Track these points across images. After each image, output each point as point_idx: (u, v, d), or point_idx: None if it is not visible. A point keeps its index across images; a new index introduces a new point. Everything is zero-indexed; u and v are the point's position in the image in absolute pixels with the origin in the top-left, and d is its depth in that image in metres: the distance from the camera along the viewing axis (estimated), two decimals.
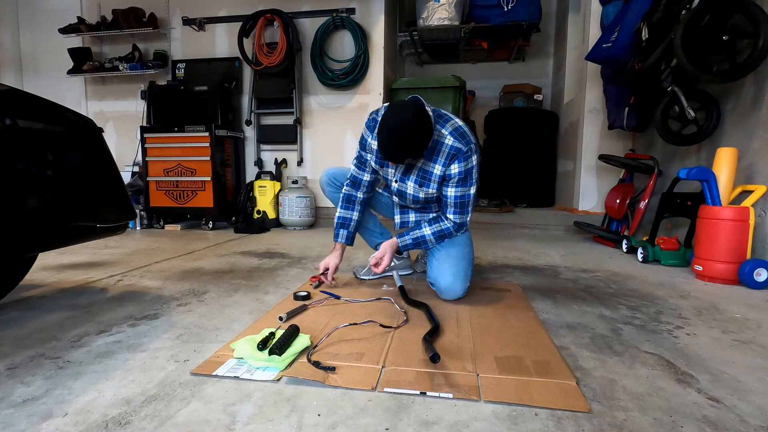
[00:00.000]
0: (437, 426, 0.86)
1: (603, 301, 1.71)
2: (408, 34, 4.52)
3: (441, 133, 1.59)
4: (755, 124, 2.20)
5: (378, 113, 1.73)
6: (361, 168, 1.84)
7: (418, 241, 1.72)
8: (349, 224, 1.85)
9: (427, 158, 1.63)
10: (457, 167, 1.59)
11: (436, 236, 1.70)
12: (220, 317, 1.50)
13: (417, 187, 1.70)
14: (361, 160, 1.84)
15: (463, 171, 1.59)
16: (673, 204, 2.49)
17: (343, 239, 1.85)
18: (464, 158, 1.58)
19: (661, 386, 1.02)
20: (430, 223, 1.71)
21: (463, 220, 1.69)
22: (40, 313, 1.55)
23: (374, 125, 1.72)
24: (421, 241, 1.72)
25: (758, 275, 1.90)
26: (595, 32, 3.46)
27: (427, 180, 1.67)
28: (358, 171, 1.85)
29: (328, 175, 1.99)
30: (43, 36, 4.63)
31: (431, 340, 1.22)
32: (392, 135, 1.47)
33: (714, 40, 2.16)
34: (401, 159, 1.57)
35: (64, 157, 1.53)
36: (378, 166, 1.80)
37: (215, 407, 0.92)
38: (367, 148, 1.80)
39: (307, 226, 3.92)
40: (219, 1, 4.26)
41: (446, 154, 1.59)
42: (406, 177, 1.71)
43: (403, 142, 1.47)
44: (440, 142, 1.59)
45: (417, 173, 1.68)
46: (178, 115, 3.88)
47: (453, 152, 1.58)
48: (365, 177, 1.84)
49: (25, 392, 0.98)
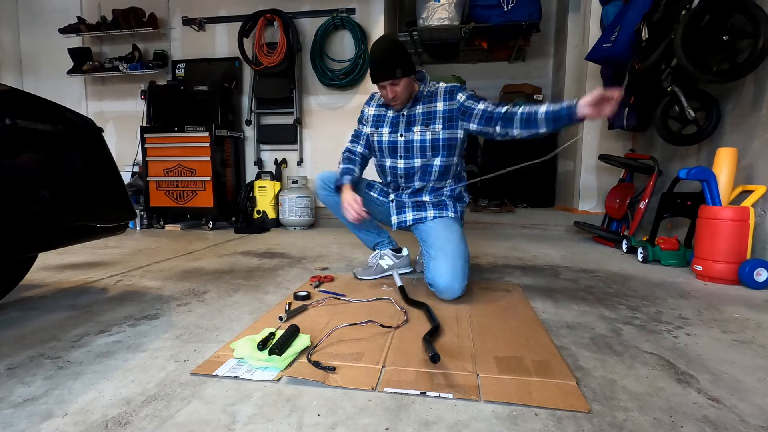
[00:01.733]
0: (437, 426, 0.86)
1: (603, 301, 1.71)
2: (408, 34, 4.51)
3: (433, 85, 1.86)
4: (755, 124, 2.20)
5: (376, 93, 1.95)
6: (355, 142, 2.00)
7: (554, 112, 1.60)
8: (352, 173, 1.90)
9: (427, 102, 1.83)
10: (461, 95, 1.79)
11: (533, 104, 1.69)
12: (220, 317, 1.50)
13: (423, 128, 1.81)
14: (357, 135, 2.00)
15: (469, 95, 1.80)
16: (673, 204, 2.49)
17: (348, 181, 1.88)
18: (461, 90, 1.81)
19: (661, 386, 1.02)
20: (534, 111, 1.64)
21: (509, 107, 1.71)
22: (40, 313, 1.55)
23: (371, 99, 1.99)
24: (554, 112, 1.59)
25: (758, 275, 1.90)
26: (595, 32, 3.46)
27: (432, 118, 1.81)
28: (352, 144, 2.00)
29: (321, 179, 2.00)
30: (43, 36, 4.63)
31: (431, 340, 1.22)
32: (379, 50, 1.71)
33: (714, 40, 2.16)
34: (393, 69, 1.69)
35: (64, 157, 1.53)
36: (374, 128, 1.92)
37: (215, 407, 0.92)
38: (364, 119, 1.97)
39: (307, 226, 3.92)
40: (219, 1, 4.26)
41: (444, 93, 1.81)
42: (411, 127, 1.84)
43: (388, 53, 1.70)
44: (436, 89, 1.83)
45: (421, 118, 1.82)
46: (178, 115, 3.88)
47: (449, 89, 1.82)
48: (359, 149, 1.98)
49: (25, 392, 0.98)
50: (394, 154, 1.89)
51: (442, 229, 1.80)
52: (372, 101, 1.98)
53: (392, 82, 1.72)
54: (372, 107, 1.96)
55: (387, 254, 2.08)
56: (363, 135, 1.97)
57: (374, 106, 1.95)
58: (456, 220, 1.89)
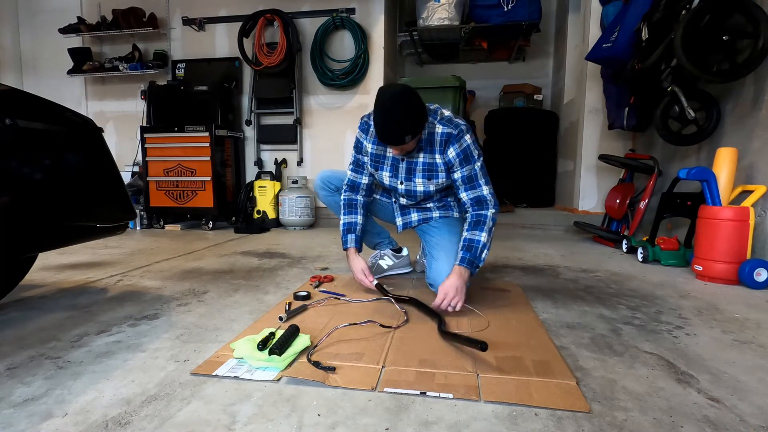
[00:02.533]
0: (437, 426, 0.86)
1: (603, 301, 1.71)
2: (408, 34, 4.52)
3: (433, 124, 1.63)
4: (755, 124, 2.20)
5: (369, 116, 1.75)
6: (358, 171, 1.84)
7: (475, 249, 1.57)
8: (355, 228, 1.80)
9: (428, 152, 1.67)
10: (452, 151, 1.61)
11: (472, 226, 1.60)
12: (220, 317, 1.50)
13: (426, 181, 1.72)
14: (358, 163, 1.83)
15: (460, 152, 1.61)
16: (673, 204, 2.49)
17: (353, 243, 1.79)
18: (456, 140, 1.61)
19: (661, 386, 1.02)
20: (468, 229, 1.61)
21: (477, 193, 1.62)
22: (40, 313, 1.55)
23: (367, 128, 1.75)
24: (466, 244, 1.57)
25: (758, 275, 1.90)
26: (595, 32, 3.46)
27: (435, 171, 1.69)
28: (355, 175, 1.84)
29: (321, 179, 1.97)
30: (43, 36, 4.63)
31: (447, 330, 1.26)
32: (387, 112, 1.48)
33: (714, 40, 2.16)
34: (401, 137, 1.51)
35: (63, 157, 1.53)
36: (373, 169, 1.79)
37: (215, 407, 0.92)
38: (363, 151, 1.80)
39: (307, 226, 3.92)
40: (219, 1, 4.26)
41: (440, 142, 1.63)
42: (412, 176, 1.73)
43: (399, 116, 1.48)
44: (434, 133, 1.63)
45: (423, 168, 1.70)
46: (178, 115, 3.88)
47: (445, 138, 1.62)
48: (363, 180, 1.84)
49: (25, 392, 0.98)
50: (396, 194, 1.85)
51: (446, 229, 1.80)
52: (368, 133, 1.76)
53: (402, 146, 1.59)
54: (369, 143, 1.76)
55: (387, 254, 2.08)
56: (364, 164, 1.82)
57: (371, 143, 1.75)
58: (460, 221, 1.88)
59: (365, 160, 1.80)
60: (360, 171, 1.84)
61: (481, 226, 1.58)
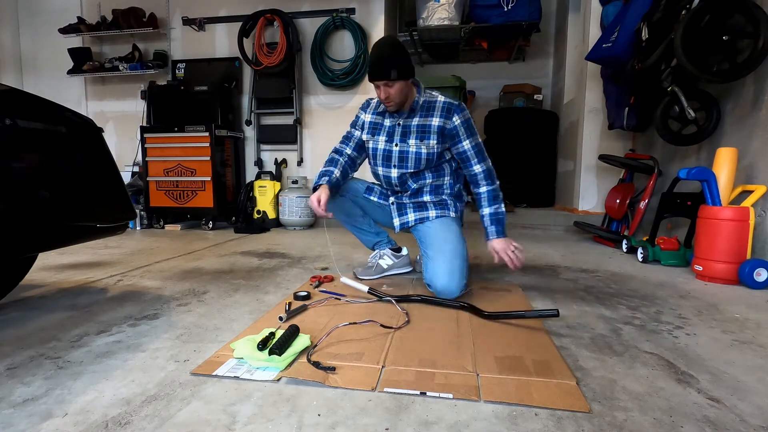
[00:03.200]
0: (437, 426, 0.86)
1: (603, 301, 1.71)
2: (408, 34, 4.52)
3: (433, 95, 1.82)
4: (755, 124, 2.20)
5: (370, 99, 1.97)
6: (345, 143, 1.98)
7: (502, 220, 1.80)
8: (330, 174, 1.85)
9: (423, 115, 1.80)
10: (458, 118, 1.77)
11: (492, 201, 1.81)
12: (220, 317, 1.50)
13: (418, 142, 1.81)
14: (348, 136, 1.98)
15: (464, 121, 1.77)
16: (673, 204, 2.49)
17: (325, 182, 1.83)
18: (460, 110, 1.78)
19: (661, 386, 1.02)
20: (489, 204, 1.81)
21: (488, 165, 1.83)
22: (40, 313, 1.55)
23: (367, 105, 1.97)
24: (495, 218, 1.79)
25: (758, 275, 1.90)
26: (595, 32, 3.46)
27: (428, 133, 1.80)
28: (341, 145, 1.98)
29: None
30: (43, 36, 4.63)
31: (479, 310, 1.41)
32: (379, 48, 1.70)
33: (714, 40, 2.16)
34: (388, 70, 1.65)
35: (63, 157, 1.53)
36: (369, 135, 1.91)
37: (215, 407, 0.92)
38: (358, 124, 1.96)
39: (307, 226, 3.92)
40: (219, 1, 4.26)
41: (441, 108, 1.78)
42: (407, 137, 1.83)
43: (388, 51, 1.68)
44: (434, 101, 1.80)
45: (416, 130, 1.81)
46: (178, 115, 3.88)
47: (447, 106, 1.78)
48: (347, 150, 1.96)
49: (25, 392, 0.98)
50: (388, 163, 1.89)
51: (440, 228, 1.80)
52: (368, 108, 1.94)
53: (386, 83, 1.68)
54: (368, 114, 1.93)
55: (387, 254, 2.08)
56: (354, 137, 1.95)
57: (371, 113, 1.92)
58: (455, 220, 1.89)
59: (356, 134, 1.95)
60: (346, 143, 1.98)
61: (499, 200, 1.81)
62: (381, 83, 1.69)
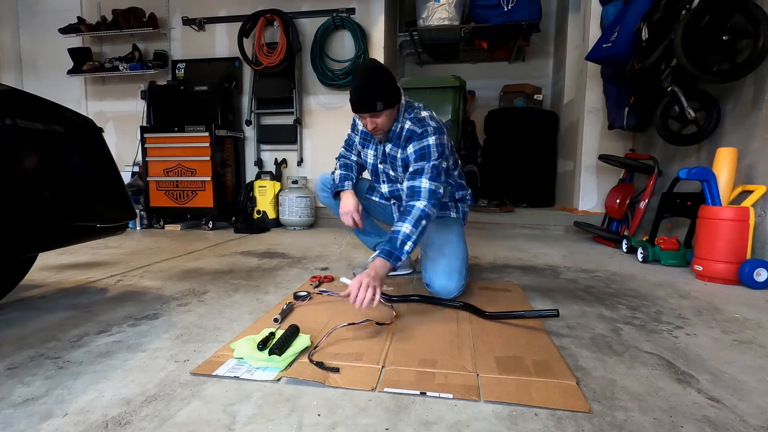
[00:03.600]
0: (437, 426, 0.86)
1: (603, 301, 1.71)
2: (408, 34, 4.52)
3: (405, 119, 1.66)
4: (755, 124, 2.20)
5: None
6: (348, 150, 1.97)
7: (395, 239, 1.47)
8: (351, 179, 1.88)
9: (395, 144, 1.71)
10: (411, 147, 1.62)
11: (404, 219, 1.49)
12: (220, 317, 1.50)
13: (397, 169, 1.77)
14: (349, 142, 1.97)
15: (418, 150, 1.59)
16: (673, 204, 2.49)
17: (350, 187, 1.87)
18: (418, 139, 1.60)
19: (661, 386, 1.02)
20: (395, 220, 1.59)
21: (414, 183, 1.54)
22: (40, 313, 1.55)
23: None
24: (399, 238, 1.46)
25: (758, 275, 1.90)
26: (595, 32, 3.46)
27: (395, 164, 1.75)
28: (346, 151, 1.98)
29: (322, 181, 2.02)
30: (43, 36, 4.63)
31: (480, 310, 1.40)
32: (362, 77, 1.57)
33: (714, 40, 2.16)
34: (374, 102, 1.54)
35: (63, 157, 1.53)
36: (361, 146, 1.88)
37: (215, 407, 0.92)
38: (356, 129, 1.91)
39: (307, 226, 3.92)
40: (219, 1, 4.26)
41: (404, 138, 1.66)
42: (386, 160, 1.80)
43: (371, 80, 1.55)
44: (403, 129, 1.66)
45: (390, 159, 1.76)
46: (178, 115, 3.88)
47: (408, 135, 1.64)
48: (353, 156, 1.96)
49: (25, 392, 0.98)
50: (377, 178, 1.90)
51: (440, 229, 1.80)
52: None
53: (372, 115, 1.58)
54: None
55: None
56: (355, 144, 1.93)
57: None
58: (456, 221, 1.88)
59: (356, 140, 1.92)
60: (350, 150, 1.97)
61: (406, 216, 1.48)
62: (367, 115, 1.59)
